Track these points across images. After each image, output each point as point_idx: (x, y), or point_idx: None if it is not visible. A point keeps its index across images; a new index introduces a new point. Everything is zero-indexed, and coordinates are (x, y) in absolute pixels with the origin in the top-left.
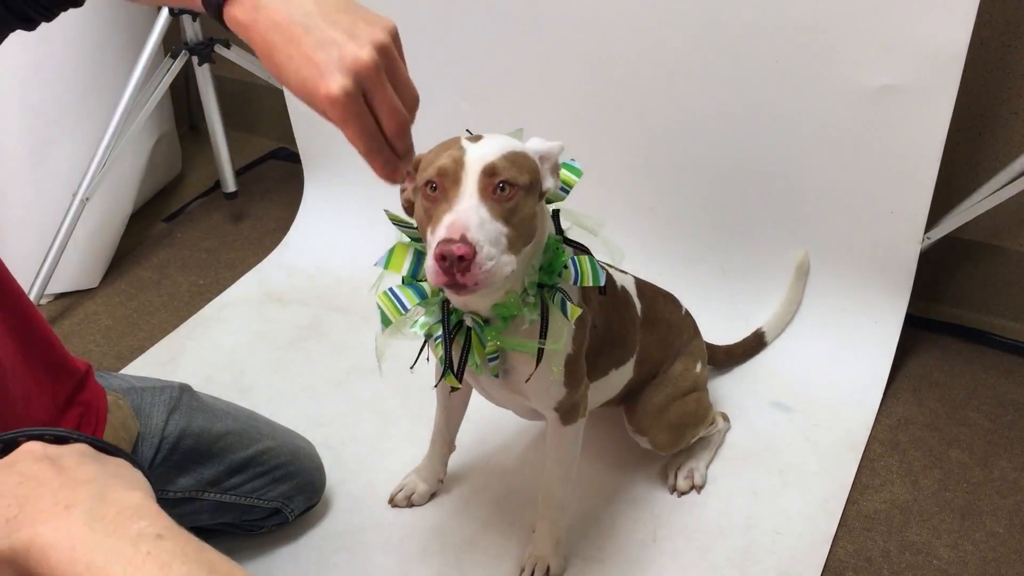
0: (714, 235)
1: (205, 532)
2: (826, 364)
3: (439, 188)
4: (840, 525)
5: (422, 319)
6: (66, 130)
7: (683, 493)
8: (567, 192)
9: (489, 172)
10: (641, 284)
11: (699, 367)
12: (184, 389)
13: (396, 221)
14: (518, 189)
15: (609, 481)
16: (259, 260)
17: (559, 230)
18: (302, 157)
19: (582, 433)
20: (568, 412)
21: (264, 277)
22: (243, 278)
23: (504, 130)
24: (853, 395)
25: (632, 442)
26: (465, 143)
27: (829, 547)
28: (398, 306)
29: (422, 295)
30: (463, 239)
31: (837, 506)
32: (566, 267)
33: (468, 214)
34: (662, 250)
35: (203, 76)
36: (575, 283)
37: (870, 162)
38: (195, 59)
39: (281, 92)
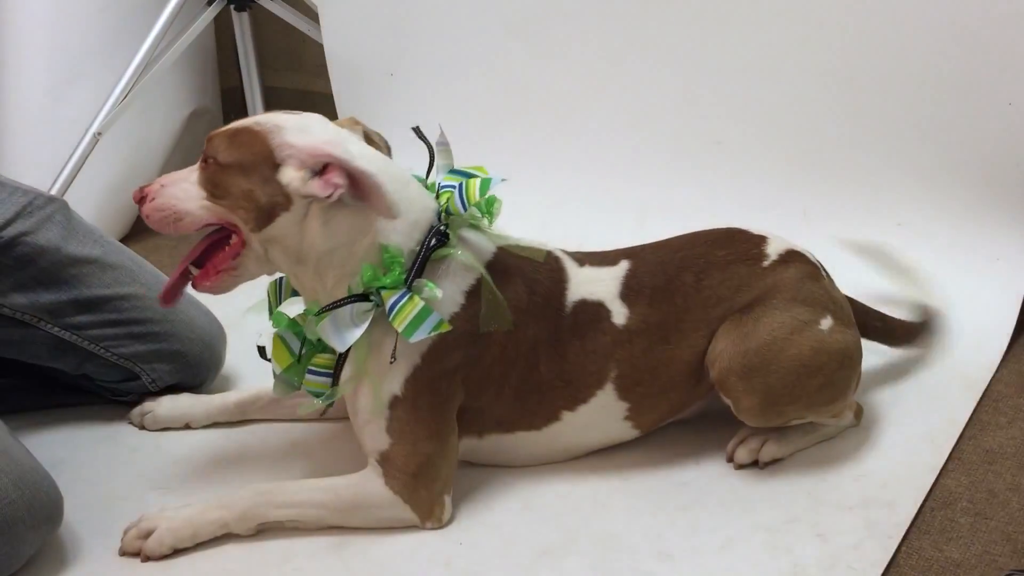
0: (796, 172)
1: (65, 387)
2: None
3: None
4: (952, 459)
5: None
6: (89, 71)
7: (740, 466)
8: (484, 215)
9: (204, 144)
10: (645, 271)
11: (828, 324)
12: (56, 202)
13: None
14: (215, 164)
15: None
16: None
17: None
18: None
19: (399, 523)
20: (397, 478)
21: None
22: None
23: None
24: (971, 337)
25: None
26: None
27: (935, 478)
28: (278, 295)
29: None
30: (142, 187)
31: (947, 440)
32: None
33: (176, 173)
34: (730, 192)
35: (241, 24)
36: (388, 315)
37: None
38: (233, 6)
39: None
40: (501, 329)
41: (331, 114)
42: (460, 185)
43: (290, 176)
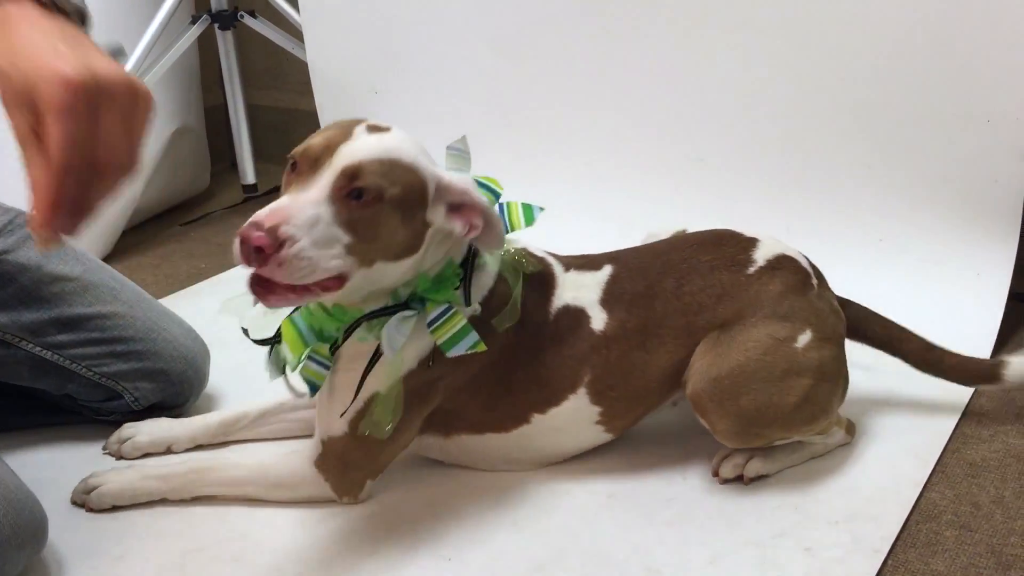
0: (774, 188)
1: (48, 406)
2: (916, 322)
3: (298, 169)
4: (936, 472)
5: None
6: None
7: (725, 481)
8: (506, 231)
9: (350, 174)
10: (627, 276)
11: (805, 340)
12: None
13: None
14: (380, 201)
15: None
16: None
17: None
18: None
19: (317, 499)
20: (329, 460)
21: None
22: None
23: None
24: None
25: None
26: (358, 131)
27: (919, 491)
28: None
29: None
30: (271, 230)
31: (930, 454)
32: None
33: (301, 208)
34: (711, 208)
35: (225, 43)
36: (428, 326)
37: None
38: (217, 25)
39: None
40: (507, 327)
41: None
42: (502, 206)
43: (438, 215)
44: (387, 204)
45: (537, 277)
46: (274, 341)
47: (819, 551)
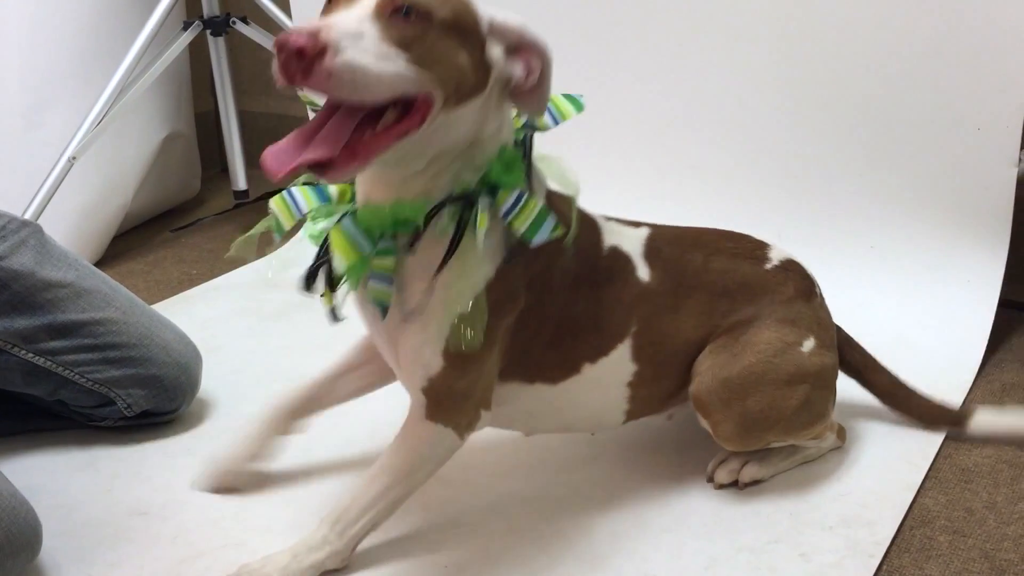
0: (768, 195)
1: (40, 412)
2: (907, 328)
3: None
4: (929, 478)
5: (320, 224)
6: (64, 95)
7: (720, 486)
8: (556, 123)
9: None
10: (662, 239)
11: (809, 346)
12: (29, 225)
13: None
14: (430, 22)
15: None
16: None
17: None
18: None
19: (450, 452)
20: (441, 403)
21: (266, 265)
22: (240, 269)
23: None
24: (944, 357)
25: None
26: None
27: (912, 496)
28: (293, 209)
29: (324, 198)
30: (312, 34)
31: (923, 459)
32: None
33: (342, 20)
34: (705, 215)
35: (217, 49)
36: (503, 217)
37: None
38: (208, 32)
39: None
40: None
41: None
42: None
43: (498, 55)
44: (438, 26)
45: (582, 216)
46: (320, 263)
47: (814, 556)
